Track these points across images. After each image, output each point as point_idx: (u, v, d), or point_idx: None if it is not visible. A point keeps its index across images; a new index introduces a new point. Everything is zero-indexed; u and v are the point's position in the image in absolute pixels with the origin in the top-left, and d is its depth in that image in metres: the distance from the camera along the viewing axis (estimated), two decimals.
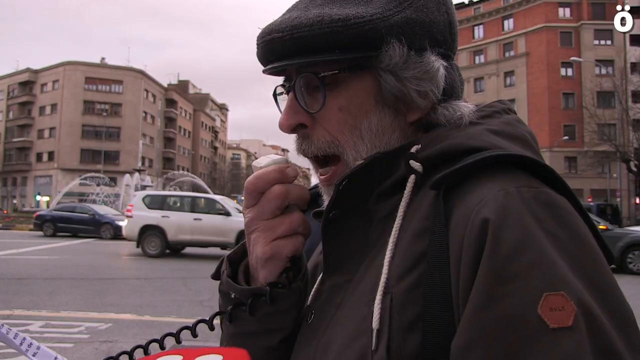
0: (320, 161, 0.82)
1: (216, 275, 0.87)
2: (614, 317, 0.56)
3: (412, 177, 0.72)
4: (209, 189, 49.13)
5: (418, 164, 0.72)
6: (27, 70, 73.42)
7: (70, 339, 6.42)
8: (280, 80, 0.84)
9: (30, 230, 28.22)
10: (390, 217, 0.72)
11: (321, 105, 0.76)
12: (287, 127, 0.80)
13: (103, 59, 74.75)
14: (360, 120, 0.77)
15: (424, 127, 0.80)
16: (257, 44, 0.79)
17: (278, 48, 0.76)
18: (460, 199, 0.65)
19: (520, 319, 0.54)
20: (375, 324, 0.64)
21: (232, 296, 0.80)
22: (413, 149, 0.74)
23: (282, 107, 0.83)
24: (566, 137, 50.24)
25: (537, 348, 0.53)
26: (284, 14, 0.80)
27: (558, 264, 0.56)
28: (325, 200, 0.82)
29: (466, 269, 0.59)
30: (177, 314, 8.01)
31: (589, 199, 43.13)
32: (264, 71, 0.81)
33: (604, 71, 40.84)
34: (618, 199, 38.31)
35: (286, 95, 0.82)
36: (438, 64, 0.76)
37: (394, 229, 0.70)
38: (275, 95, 0.86)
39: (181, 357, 0.52)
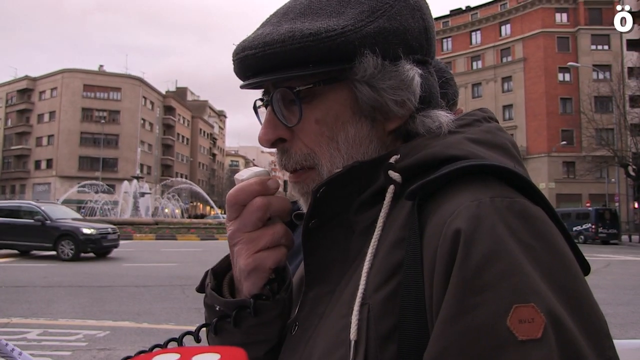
0: (298, 173, 0.82)
1: (201, 288, 0.87)
2: (586, 328, 0.56)
3: (391, 188, 0.72)
4: (207, 196, 49.22)
5: (397, 174, 0.72)
6: (26, 78, 73.51)
7: (68, 347, 6.40)
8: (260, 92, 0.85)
9: None
10: (371, 229, 0.72)
11: (298, 119, 0.76)
12: (266, 141, 0.80)
13: (101, 66, 75.04)
14: (337, 132, 0.77)
15: (403, 136, 0.80)
16: (233, 61, 0.79)
17: (252, 64, 0.76)
18: (435, 209, 0.65)
19: (489, 331, 0.54)
20: (352, 335, 0.64)
21: (217, 308, 0.80)
22: (392, 159, 0.74)
23: (263, 119, 0.83)
24: (564, 142, 50.38)
25: None
26: (257, 29, 0.79)
27: (529, 275, 0.56)
28: (302, 205, 0.82)
29: (439, 279, 0.59)
30: (176, 321, 7.98)
31: (588, 204, 43.15)
32: (241, 87, 0.81)
33: (601, 76, 40.96)
34: (617, 204, 38.40)
35: (265, 109, 0.83)
36: (413, 72, 0.76)
37: (372, 240, 0.70)
38: (255, 108, 0.87)
39: (179, 356, 0.53)
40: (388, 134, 0.79)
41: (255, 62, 0.75)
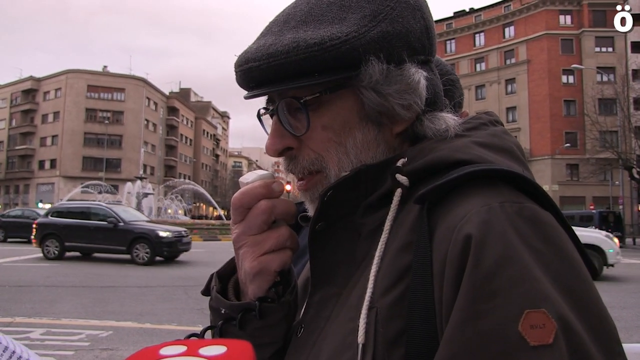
0: (306, 177, 0.82)
1: (206, 291, 0.87)
2: (596, 333, 0.56)
3: (398, 191, 0.72)
4: (210, 197, 49.24)
5: (404, 177, 0.71)
6: (30, 78, 73.68)
7: (71, 347, 6.40)
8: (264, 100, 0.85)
9: None
10: (378, 231, 0.72)
11: (306, 128, 0.76)
12: (274, 151, 0.80)
13: (105, 67, 75.13)
14: (344, 137, 0.77)
15: (411, 138, 0.80)
16: (235, 72, 0.79)
17: (256, 76, 0.75)
18: (444, 213, 0.65)
19: (501, 336, 0.54)
20: (360, 338, 0.64)
21: (222, 311, 0.80)
22: (399, 162, 0.74)
23: (267, 127, 0.83)
24: (568, 145, 50.21)
25: None
26: (259, 39, 0.79)
27: (540, 280, 0.56)
28: (309, 208, 0.83)
29: (449, 284, 0.59)
30: (178, 322, 7.98)
31: (591, 207, 42.98)
32: (245, 97, 0.80)
33: (605, 78, 40.89)
34: (620, 207, 38.25)
35: (270, 117, 0.82)
36: (418, 75, 0.75)
37: (380, 243, 0.70)
38: (259, 116, 0.86)
39: (185, 348, 0.54)
40: (395, 137, 0.79)
41: (260, 73, 0.75)
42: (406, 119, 0.77)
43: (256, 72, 0.75)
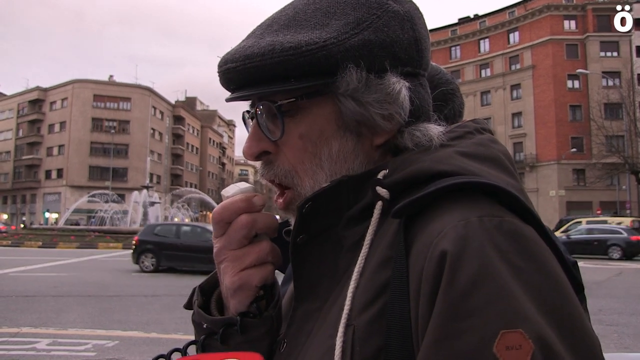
0: (279, 186, 0.81)
1: (189, 305, 0.85)
2: (577, 353, 0.54)
3: (379, 204, 0.70)
4: (216, 205, 49.30)
5: (385, 190, 0.69)
6: (37, 88, 74.20)
7: (77, 357, 6.41)
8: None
9: None
10: (359, 245, 0.70)
11: (281, 133, 0.75)
12: (250, 155, 0.79)
13: (111, 76, 75.54)
14: (320, 148, 0.75)
15: (392, 150, 0.78)
16: (217, 73, 0.79)
17: (234, 78, 0.75)
18: (422, 228, 0.63)
19: (475, 358, 0.52)
20: (337, 357, 0.63)
21: (205, 326, 0.79)
22: (380, 175, 0.72)
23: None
24: (574, 150, 50.02)
25: None
26: (241, 41, 0.78)
27: (518, 299, 0.54)
28: (291, 223, 0.81)
29: (424, 302, 0.57)
30: (185, 331, 7.95)
31: (598, 212, 42.75)
32: (226, 99, 0.80)
33: (610, 83, 40.79)
34: (628, 211, 38.04)
35: (251, 121, 0.82)
36: (399, 85, 0.73)
37: (359, 259, 0.68)
38: (244, 120, 0.86)
39: None
40: (375, 148, 0.77)
41: (237, 75, 0.74)
42: (387, 130, 0.75)
43: (233, 73, 0.74)
